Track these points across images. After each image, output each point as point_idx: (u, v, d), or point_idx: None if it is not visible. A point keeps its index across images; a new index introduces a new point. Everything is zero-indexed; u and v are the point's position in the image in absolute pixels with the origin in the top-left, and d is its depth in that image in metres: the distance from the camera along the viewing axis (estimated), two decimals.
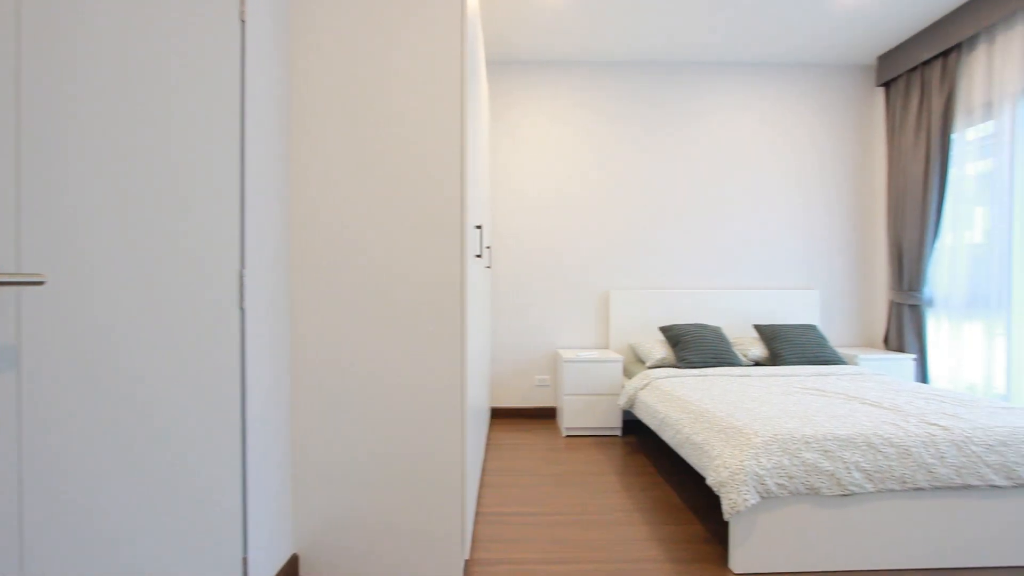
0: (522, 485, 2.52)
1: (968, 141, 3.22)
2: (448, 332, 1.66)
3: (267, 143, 1.50)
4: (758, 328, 3.51)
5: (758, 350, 3.40)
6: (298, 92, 1.66)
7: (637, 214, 3.84)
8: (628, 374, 3.45)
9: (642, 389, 2.94)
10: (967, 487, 1.77)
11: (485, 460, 2.88)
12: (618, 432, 3.39)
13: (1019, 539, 1.79)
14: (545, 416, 3.81)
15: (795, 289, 3.84)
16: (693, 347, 3.21)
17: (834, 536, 1.76)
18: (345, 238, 1.66)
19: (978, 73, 3.11)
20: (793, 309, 3.80)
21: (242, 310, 1.34)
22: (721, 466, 1.81)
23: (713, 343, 3.24)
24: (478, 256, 1.98)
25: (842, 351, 3.63)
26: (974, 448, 1.80)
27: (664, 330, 3.42)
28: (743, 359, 3.33)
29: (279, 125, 1.59)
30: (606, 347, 3.83)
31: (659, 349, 3.35)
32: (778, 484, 1.72)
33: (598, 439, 3.29)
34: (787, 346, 3.31)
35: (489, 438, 3.30)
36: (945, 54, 3.26)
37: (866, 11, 3.17)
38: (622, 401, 3.08)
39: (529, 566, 1.78)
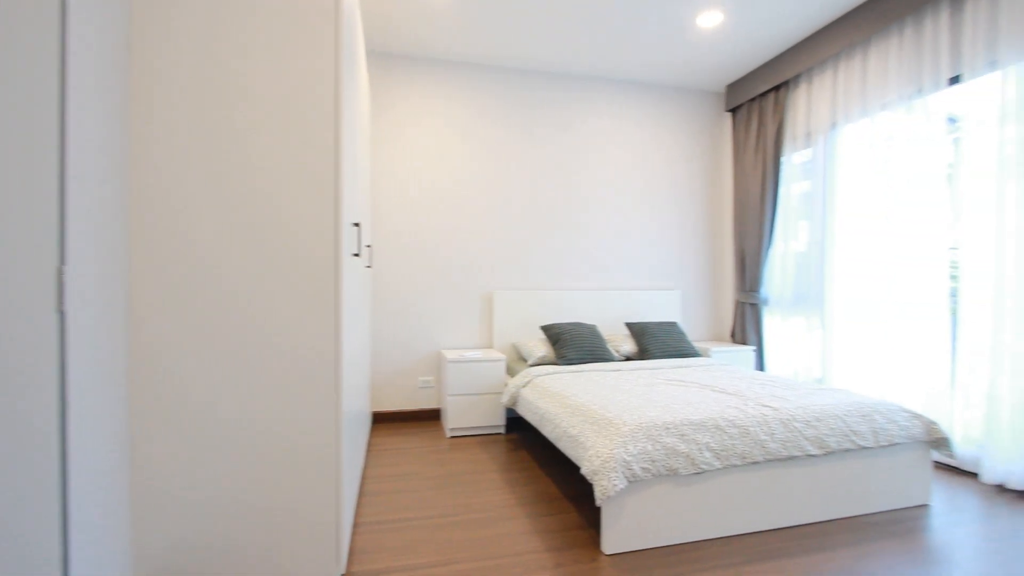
0: (405, 490, 2.46)
1: (794, 164, 3.79)
2: (322, 337, 1.56)
3: (99, 125, 1.29)
4: (629, 325, 3.80)
5: (629, 346, 3.68)
6: (141, 69, 1.45)
7: (520, 217, 3.95)
8: (511, 372, 3.53)
9: (524, 387, 3.02)
10: (791, 458, 2.08)
11: (366, 467, 2.77)
12: (502, 430, 3.46)
13: (828, 497, 2.14)
14: (429, 418, 3.77)
15: (660, 290, 4.22)
16: (571, 345, 3.38)
17: (690, 510, 1.96)
18: (198, 234, 1.49)
19: (800, 107, 3.68)
20: (659, 308, 4.18)
21: (61, 313, 1.14)
22: (594, 456, 1.92)
23: (589, 340, 3.44)
24: (356, 255, 1.89)
25: (698, 345, 4.07)
26: (796, 424, 2.11)
27: (545, 329, 3.56)
28: (616, 355, 3.58)
29: (115, 106, 1.38)
30: (490, 347, 3.89)
31: (540, 347, 3.48)
32: (643, 468, 1.87)
33: (482, 438, 3.33)
34: (653, 341, 3.63)
35: (371, 444, 3.18)
36: (777, 88, 3.81)
37: (717, 46, 3.59)
38: (505, 399, 3.14)
39: (410, 572, 1.74)
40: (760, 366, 3.97)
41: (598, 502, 1.82)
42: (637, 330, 3.73)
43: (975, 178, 2.59)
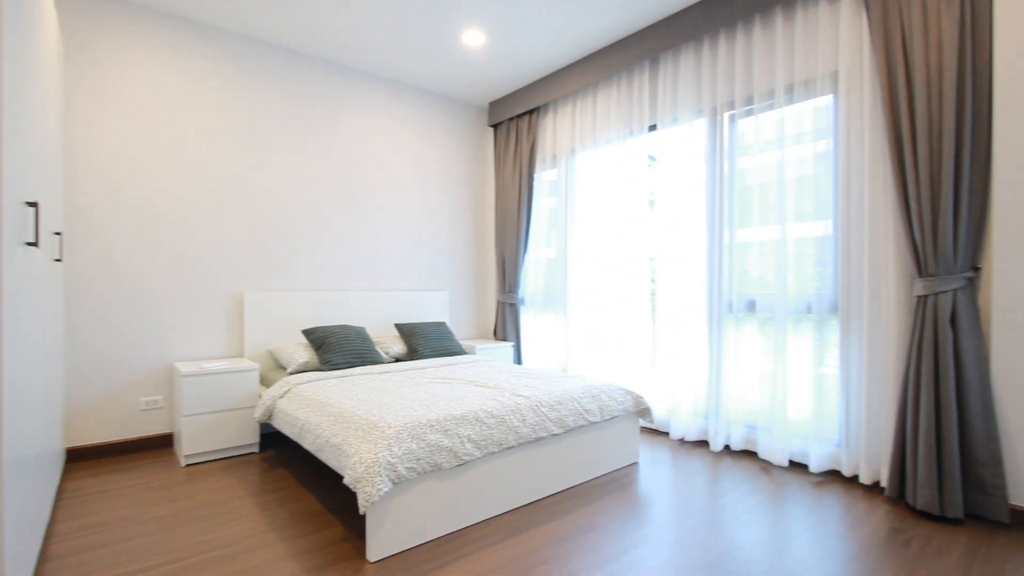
0: (115, 541, 1.96)
1: (544, 181, 4.33)
2: None
3: None
4: (398, 326, 3.78)
5: (399, 347, 3.67)
6: None
7: (277, 211, 3.57)
8: (267, 383, 3.16)
9: (281, 397, 2.73)
10: (539, 439, 2.35)
11: (52, 522, 2.12)
12: (255, 449, 3.06)
13: (568, 469, 2.48)
14: (157, 446, 3.10)
15: (430, 291, 4.33)
16: (337, 349, 3.19)
17: (454, 502, 2.04)
18: None
19: (548, 132, 4.22)
20: (428, 308, 4.27)
21: None
22: (357, 462, 1.84)
23: (356, 343, 3.31)
24: (32, 244, 1.43)
25: (465, 343, 4.29)
26: (543, 410, 2.40)
27: (307, 333, 3.29)
28: (385, 356, 3.52)
29: None
30: (240, 355, 3.41)
31: (302, 353, 3.20)
32: (408, 468, 1.87)
33: (230, 461, 2.88)
34: (422, 341, 3.69)
35: (63, 490, 2.45)
36: (530, 112, 4.29)
37: (481, 65, 3.85)
38: (258, 414, 2.79)
39: None
40: (518, 359, 4.41)
41: (361, 510, 1.75)
42: (407, 331, 3.75)
43: (663, 206, 3.35)
